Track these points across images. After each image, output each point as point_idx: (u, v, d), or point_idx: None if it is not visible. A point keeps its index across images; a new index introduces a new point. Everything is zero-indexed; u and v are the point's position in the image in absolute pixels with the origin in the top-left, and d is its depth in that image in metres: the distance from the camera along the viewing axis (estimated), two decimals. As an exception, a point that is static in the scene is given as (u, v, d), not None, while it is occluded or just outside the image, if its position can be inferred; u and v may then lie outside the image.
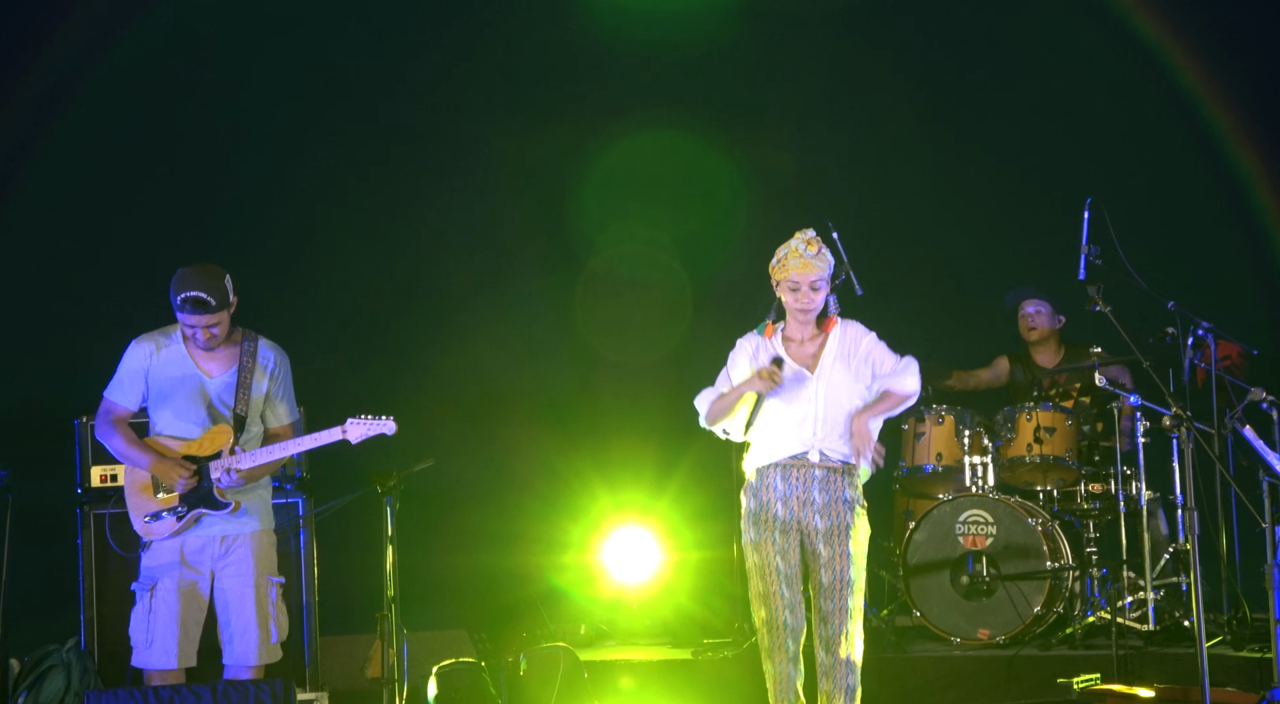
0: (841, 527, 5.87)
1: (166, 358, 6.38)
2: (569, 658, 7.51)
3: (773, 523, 5.91)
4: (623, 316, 10.04)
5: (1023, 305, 8.82)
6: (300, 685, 7.25)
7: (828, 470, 5.92)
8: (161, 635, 6.24)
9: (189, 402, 6.35)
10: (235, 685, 6.01)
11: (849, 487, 5.94)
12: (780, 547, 5.89)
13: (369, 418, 6.40)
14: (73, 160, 9.47)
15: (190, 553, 6.32)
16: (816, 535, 5.88)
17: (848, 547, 5.86)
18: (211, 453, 6.31)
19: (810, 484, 5.90)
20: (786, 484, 5.91)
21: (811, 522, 5.90)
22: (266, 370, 6.45)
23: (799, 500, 5.90)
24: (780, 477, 5.92)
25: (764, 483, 5.95)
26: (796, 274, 6.01)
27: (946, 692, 7.58)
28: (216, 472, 6.27)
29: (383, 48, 9.98)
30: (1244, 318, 8.98)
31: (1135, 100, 9.93)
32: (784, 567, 5.87)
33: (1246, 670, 7.25)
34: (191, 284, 6.24)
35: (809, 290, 6.00)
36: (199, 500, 6.29)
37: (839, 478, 5.93)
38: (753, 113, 10.19)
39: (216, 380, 6.38)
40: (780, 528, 5.90)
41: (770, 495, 5.93)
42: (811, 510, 5.89)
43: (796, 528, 5.90)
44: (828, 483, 5.91)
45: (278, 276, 9.54)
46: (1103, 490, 8.21)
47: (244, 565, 6.33)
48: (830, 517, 5.88)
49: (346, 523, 7.56)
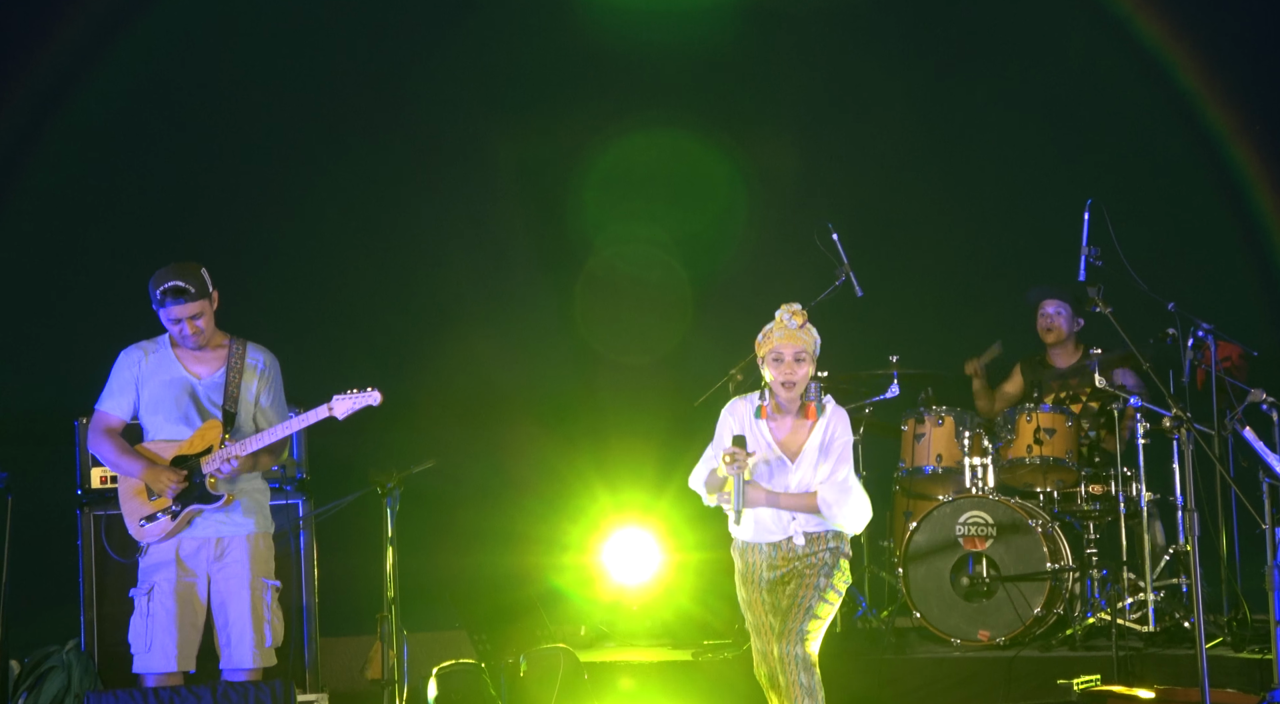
0: (817, 568, 5.93)
1: (155, 363, 6.39)
2: (569, 659, 7.51)
3: (759, 584, 5.99)
4: (623, 317, 10.04)
5: (1043, 304, 8.72)
6: (300, 687, 7.24)
7: (810, 539, 5.96)
8: (160, 639, 6.23)
9: (178, 404, 6.35)
10: (235, 687, 6.01)
11: (829, 551, 5.96)
12: (770, 604, 5.97)
13: (354, 392, 6.37)
14: (73, 161, 9.47)
15: (186, 556, 6.32)
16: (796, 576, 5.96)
17: (817, 580, 5.91)
18: (202, 450, 6.31)
19: (794, 552, 5.97)
20: (773, 550, 5.99)
21: (794, 568, 5.97)
22: (256, 371, 6.45)
23: (784, 559, 5.97)
24: (772, 550, 6.00)
25: (750, 550, 6.03)
26: (780, 345, 5.97)
27: (947, 693, 7.58)
28: (211, 466, 6.26)
29: (383, 48, 9.98)
30: (1244, 319, 8.98)
31: (1135, 100, 9.93)
32: (777, 624, 5.93)
33: (1246, 671, 7.25)
34: (167, 276, 6.28)
35: (793, 361, 5.95)
36: (191, 497, 6.28)
37: (823, 541, 5.97)
38: (753, 113, 10.19)
39: (205, 381, 6.39)
40: (768, 587, 5.98)
41: (756, 557, 6.01)
42: (798, 566, 5.97)
43: (781, 581, 5.97)
44: (809, 551, 5.96)
45: (277, 277, 9.54)
46: (1103, 492, 8.21)
47: (239, 568, 6.32)
48: (811, 565, 5.95)
49: (347, 524, 7.56)
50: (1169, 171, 9.81)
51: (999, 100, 10.02)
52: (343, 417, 6.39)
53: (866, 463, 8.65)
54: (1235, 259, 9.80)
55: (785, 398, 5.99)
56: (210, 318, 6.37)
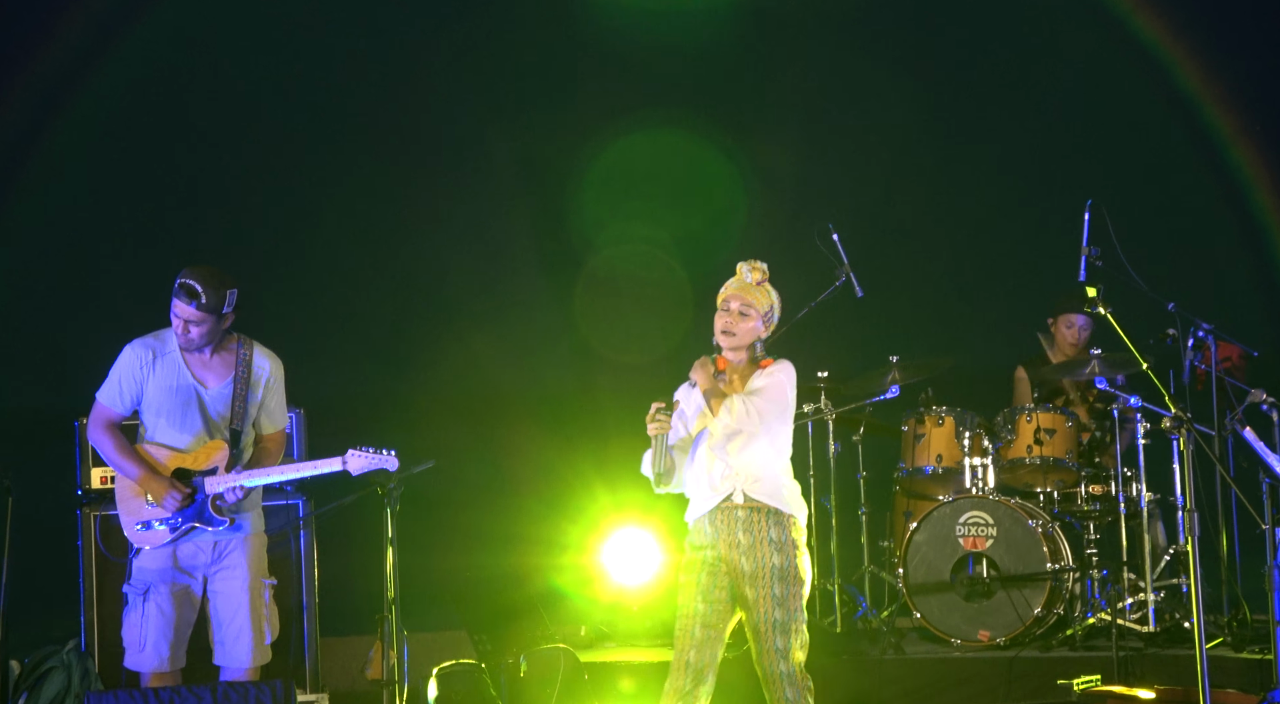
0: (766, 567, 5.74)
1: (163, 367, 6.34)
2: (569, 659, 7.51)
3: (701, 565, 5.80)
4: (623, 316, 10.04)
5: (1076, 318, 8.64)
6: (300, 687, 7.24)
7: (750, 510, 5.77)
8: (155, 639, 6.23)
9: (184, 412, 6.33)
10: (235, 687, 6.00)
11: (774, 526, 5.77)
12: (705, 587, 5.78)
13: (370, 451, 6.38)
14: (73, 161, 9.47)
15: (183, 557, 6.31)
16: (743, 577, 5.76)
17: (773, 588, 5.72)
18: (205, 467, 6.29)
19: (734, 525, 5.78)
20: (714, 527, 5.81)
21: (738, 563, 5.77)
22: (262, 381, 6.42)
23: (726, 543, 5.79)
24: (709, 521, 5.83)
25: (697, 529, 5.87)
26: (729, 294, 5.89)
27: (947, 693, 7.57)
28: (216, 487, 6.25)
29: (382, 48, 9.98)
30: (1244, 319, 8.98)
31: (1135, 100, 9.94)
32: (703, 608, 5.76)
33: (1246, 672, 7.25)
34: (190, 274, 6.23)
35: (737, 312, 5.83)
36: (194, 516, 6.28)
37: (763, 518, 5.77)
38: (753, 113, 10.20)
39: (212, 391, 6.35)
40: (709, 571, 5.79)
41: (701, 540, 5.84)
42: (738, 552, 5.76)
43: (726, 570, 5.80)
44: (751, 523, 5.77)
45: (277, 277, 9.54)
46: (1103, 492, 8.21)
47: (238, 569, 6.32)
48: (755, 558, 5.75)
49: (347, 524, 7.56)
50: (1169, 172, 9.81)
51: (999, 100, 10.03)
52: (356, 473, 6.40)
53: (866, 463, 8.66)
54: (1235, 259, 9.80)
55: (728, 345, 5.85)
56: (209, 332, 6.28)
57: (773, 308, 5.90)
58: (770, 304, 5.89)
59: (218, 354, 6.37)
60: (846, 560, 8.47)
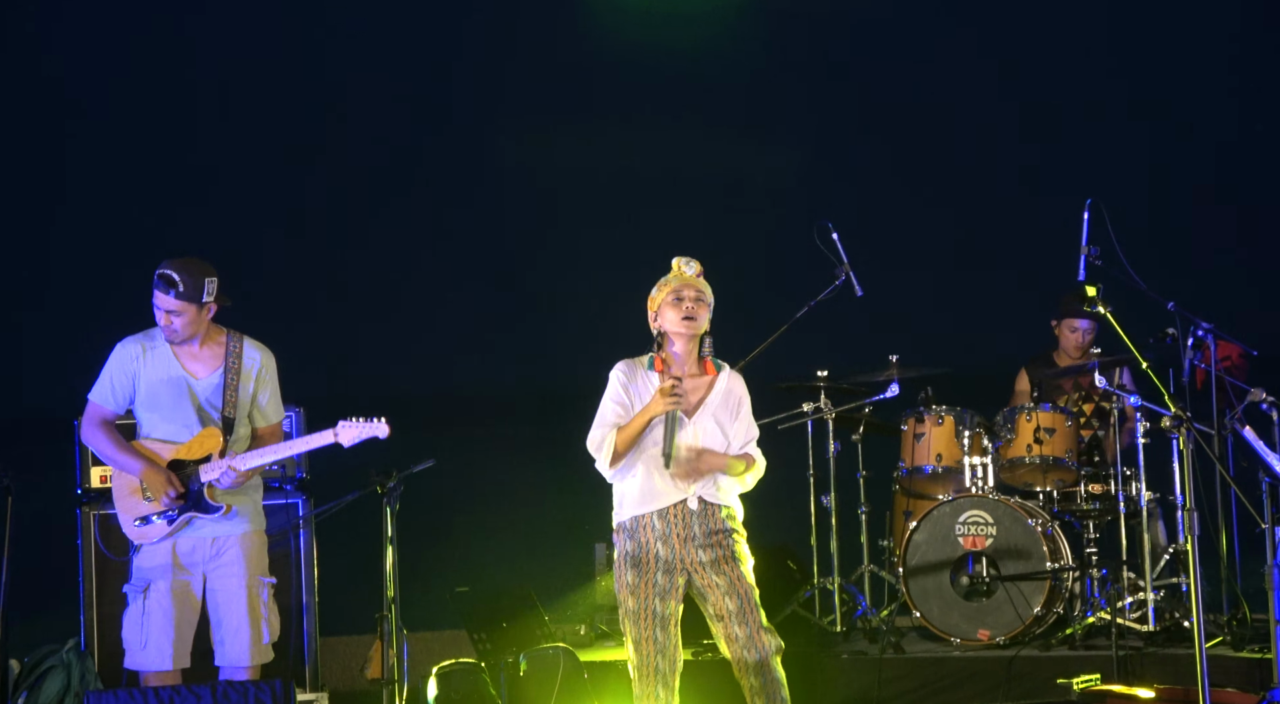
0: (727, 554, 5.73)
1: (153, 359, 6.36)
2: (569, 659, 7.51)
3: (654, 564, 5.72)
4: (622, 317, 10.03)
5: (1079, 322, 8.62)
6: (300, 686, 7.24)
7: (705, 505, 5.76)
8: (156, 637, 6.23)
9: (176, 404, 6.33)
10: (235, 686, 6.00)
11: (727, 518, 5.78)
12: (661, 587, 5.71)
13: (361, 420, 6.35)
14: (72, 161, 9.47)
15: (182, 554, 6.31)
16: (704, 569, 5.72)
17: (740, 569, 5.73)
18: (201, 456, 6.29)
19: (690, 519, 5.73)
20: (665, 523, 5.73)
21: (695, 556, 5.72)
22: (252, 373, 6.42)
23: (679, 537, 5.72)
24: (658, 517, 5.75)
25: (640, 525, 5.77)
26: (680, 286, 5.87)
27: (946, 692, 7.57)
28: (210, 474, 6.25)
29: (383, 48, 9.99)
30: (1244, 318, 8.97)
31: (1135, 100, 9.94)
32: (661, 609, 5.69)
33: (1246, 671, 7.25)
34: (168, 264, 6.25)
35: (694, 301, 5.81)
36: (191, 505, 6.27)
37: (716, 512, 5.77)
38: (753, 113, 10.20)
39: (203, 381, 6.36)
40: (663, 568, 5.72)
41: (649, 536, 5.74)
42: (694, 546, 5.72)
43: (681, 567, 5.73)
44: (705, 517, 5.74)
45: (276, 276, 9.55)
46: (1102, 491, 8.21)
47: (235, 566, 6.32)
48: (712, 547, 5.73)
49: (346, 524, 7.55)
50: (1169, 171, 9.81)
51: (999, 99, 10.03)
52: (349, 445, 6.37)
53: (866, 463, 8.65)
54: (1235, 259, 9.80)
55: (684, 340, 5.83)
56: (191, 322, 6.27)
57: (712, 300, 5.95)
58: (711, 295, 5.94)
59: (206, 346, 6.38)
60: (846, 560, 8.47)
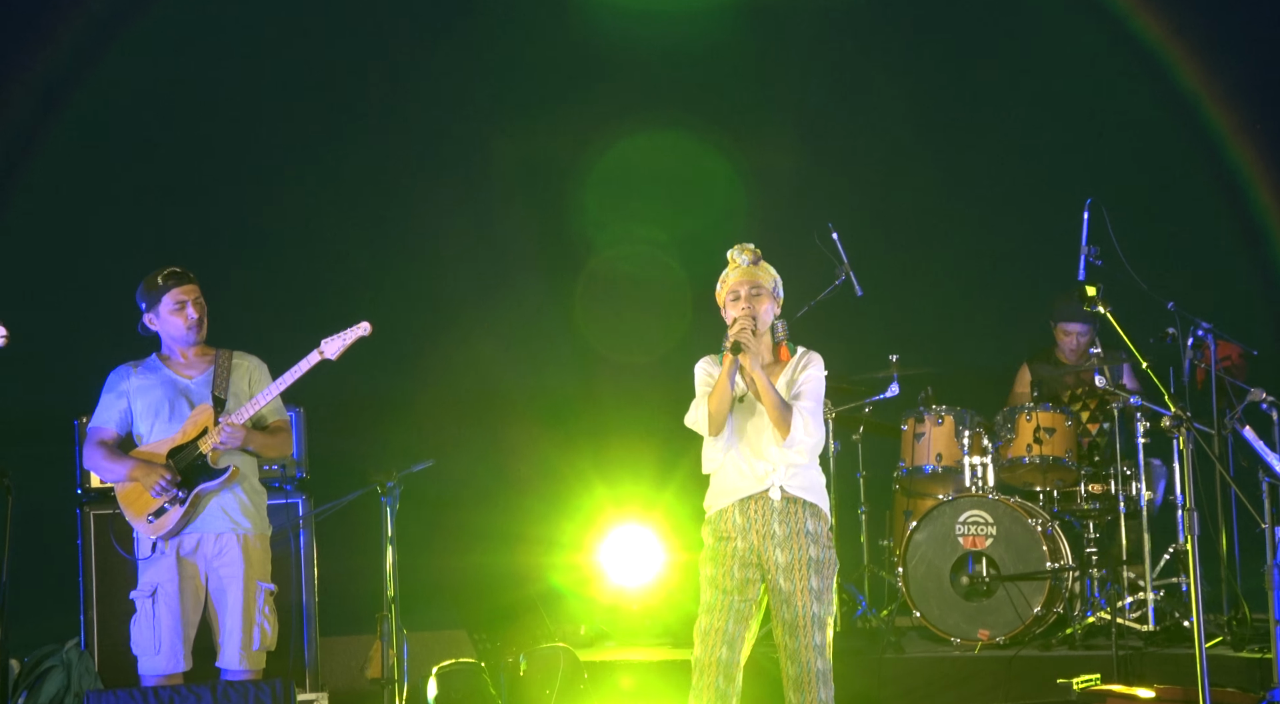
0: (803, 560, 5.64)
1: (144, 374, 6.46)
2: (569, 658, 7.52)
3: (732, 556, 5.68)
4: (623, 316, 10.04)
5: (1073, 325, 8.56)
6: (300, 686, 7.24)
7: (787, 502, 5.68)
8: (169, 640, 6.23)
9: (172, 405, 6.39)
10: (235, 687, 6.00)
11: (810, 518, 5.70)
12: (739, 581, 5.66)
13: (342, 334, 6.34)
14: (73, 161, 9.47)
15: (186, 553, 6.32)
16: (777, 570, 5.64)
17: (810, 581, 5.63)
18: (196, 435, 6.32)
19: (770, 516, 5.68)
20: (745, 518, 5.68)
21: (772, 555, 5.66)
22: (245, 371, 6.49)
23: (759, 533, 5.67)
24: (739, 511, 5.69)
25: (723, 518, 5.73)
26: (735, 283, 5.81)
27: (946, 692, 7.58)
28: (209, 443, 6.27)
29: (383, 48, 9.99)
30: (1244, 319, 8.97)
31: (1135, 100, 9.94)
32: (738, 603, 5.65)
33: (1246, 671, 7.25)
34: (161, 269, 6.37)
35: (749, 297, 5.74)
36: (196, 477, 6.28)
37: (799, 510, 5.69)
38: (753, 113, 10.20)
39: (196, 380, 6.44)
40: (741, 562, 5.67)
41: (730, 530, 5.70)
42: (772, 544, 5.66)
43: (757, 562, 5.68)
44: (787, 515, 5.68)
45: (276, 276, 9.55)
46: (1102, 491, 8.21)
47: (234, 568, 6.32)
48: (791, 550, 5.66)
49: (346, 523, 7.56)
50: (1169, 171, 9.81)
51: (999, 100, 10.03)
52: (335, 356, 6.32)
53: (866, 463, 8.66)
54: (1235, 259, 9.80)
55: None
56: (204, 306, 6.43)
57: (776, 282, 5.87)
58: (773, 279, 5.86)
59: (197, 357, 6.48)
60: (846, 560, 8.46)
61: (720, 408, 5.72)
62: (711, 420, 5.74)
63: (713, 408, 5.72)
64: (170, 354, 6.47)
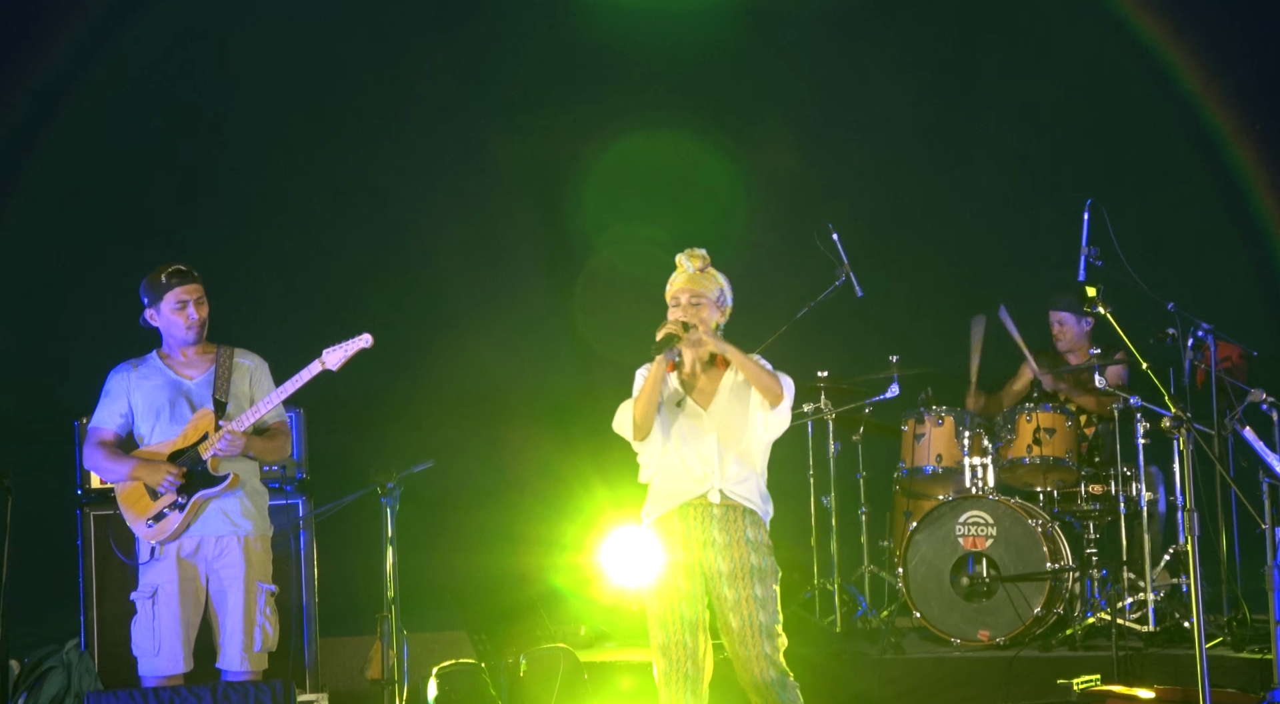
0: (745, 568, 5.55)
1: (144, 373, 6.42)
2: (569, 659, 7.52)
3: (676, 568, 5.62)
4: (623, 317, 10.03)
5: (1050, 315, 8.63)
6: (301, 687, 7.24)
7: (726, 508, 5.60)
8: (169, 641, 6.23)
9: (172, 405, 6.37)
10: (235, 687, 6.00)
11: (750, 525, 5.61)
12: (685, 591, 5.61)
13: (344, 345, 6.32)
14: (72, 161, 9.47)
15: (186, 555, 6.32)
16: (720, 578, 5.57)
17: (754, 589, 5.55)
18: (197, 439, 6.31)
19: (709, 523, 5.60)
20: (685, 525, 5.61)
21: (714, 564, 5.59)
22: (247, 371, 6.45)
23: (699, 541, 5.60)
24: (678, 517, 5.63)
25: (663, 526, 5.69)
26: (677, 290, 5.74)
27: (946, 693, 7.58)
28: (209, 449, 6.26)
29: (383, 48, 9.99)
30: (1244, 319, 8.98)
31: (1135, 100, 9.94)
32: (689, 613, 5.60)
33: (1246, 671, 7.25)
34: (167, 265, 6.34)
35: (688, 305, 5.66)
36: (196, 484, 6.28)
37: (739, 517, 5.61)
38: (753, 113, 10.20)
39: (196, 381, 6.41)
40: (684, 573, 5.61)
41: (672, 539, 5.64)
42: (713, 552, 5.59)
43: (700, 572, 5.61)
44: (727, 522, 5.59)
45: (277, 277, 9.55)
46: (1103, 492, 8.21)
47: (235, 569, 6.31)
48: (733, 558, 5.57)
49: (347, 524, 7.56)
50: (1169, 172, 9.81)
51: (999, 100, 10.03)
52: (336, 367, 6.30)
53: (866, 463, 8.66)
54: (1235, 259, 9.80)
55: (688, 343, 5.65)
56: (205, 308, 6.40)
57: (722, 291, 5.76)
58: (719, 288, 5.75)
59: (198, 356, 6.44)
60: (846, 560, 8.47)
61: (647, 411, 5.63)
62: (637, 426, 5.66)
63: (639, 412, 5.64)
64: (170, 352, 6.46)
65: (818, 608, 8.36)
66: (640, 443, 5.72)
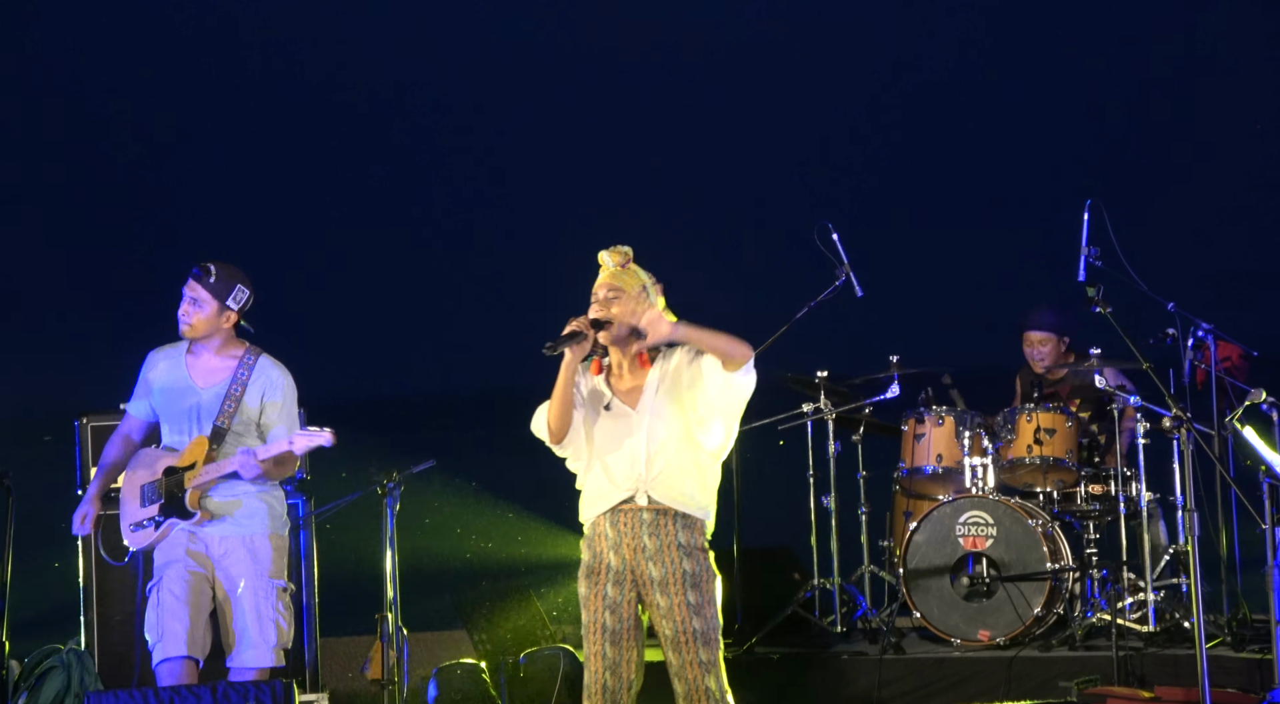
0: (677, 575, 5.36)
1: (166, 368, 6.39)
2: (569, 658, 7.51)
3: (605, 575, 5.46)
4: (622, 317, 10.03)
5: (1025, 337, 8.57)
6: (301, 686, 7.23)
7: (656, 513, 5.40)
8: (170, 624, 6.20)
9: (181, 412, 6.36)
10: (235, 687, 5.99)
11: (682, 530, 5.40)
12: (612, 600, 5.46)
13: (311, 430, 6.28)
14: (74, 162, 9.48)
15: (194, 551, 6.32)
16: (652, 585, 5.41)
17: (687, 596, 5.36)
18: (187, 464, 6.29)
19: (639, 528, 5.41)
20: (616, 531, 5.44)
21: (645, 570, 5.41)
22: (261, 389, 6.35)
23: (629, 547, 5.43)
24: (609, 522, 5.46)
25: (596, 533, 5.51)
26: (596, 285, 5.56)
27: (947, 693, 7.58)
28: (194, 481, 6.24)
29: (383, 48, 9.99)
30: (1244, 319, 8.97)
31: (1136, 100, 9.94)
32: (611, 623, 5.47)
33: (1247, 672, 7.25)
34: (210, 260, 6.30)
35: (605, 300, 5.49)
36: (171, 510, 6.28)
37: (669, 522, 5.40)
38: (753, 112, 10.20)
39: (207, 392, 6.34)
40: (614, 580, 5.45)
41: (603, 545, 5.47)
42: (644, 558, 5.41)
43: (631, 579, 5.45)
44: (657, 527, 5.39)
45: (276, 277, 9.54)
46: (1103, 492, 8.20)
47: (238, 568, 6.30)
48: (664, 564, 5.38)
49: (347, 524, 7.56)
50: (1171, 172, 9.81)
51: (1000, 100, 10.03)
52: (300, 453, 6.32)
53: (866, 463, 8.65)
54: (1235, 259, 9.81)
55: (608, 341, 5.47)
56: (208, 321, 6.28)
57: (644, 288, 5.54)
58: (641, 284, 5.54)
59: (220, 357, 6.36)
60: (846, 560, 8.46)
61: (561, 412, 5.50)
62: (552, 430, 5.55)
63: (553, 414, 5.51)
64: (195, 348, 6.37)
65: (818, 608, 8.36)
66: (559, 446, 5.59)
